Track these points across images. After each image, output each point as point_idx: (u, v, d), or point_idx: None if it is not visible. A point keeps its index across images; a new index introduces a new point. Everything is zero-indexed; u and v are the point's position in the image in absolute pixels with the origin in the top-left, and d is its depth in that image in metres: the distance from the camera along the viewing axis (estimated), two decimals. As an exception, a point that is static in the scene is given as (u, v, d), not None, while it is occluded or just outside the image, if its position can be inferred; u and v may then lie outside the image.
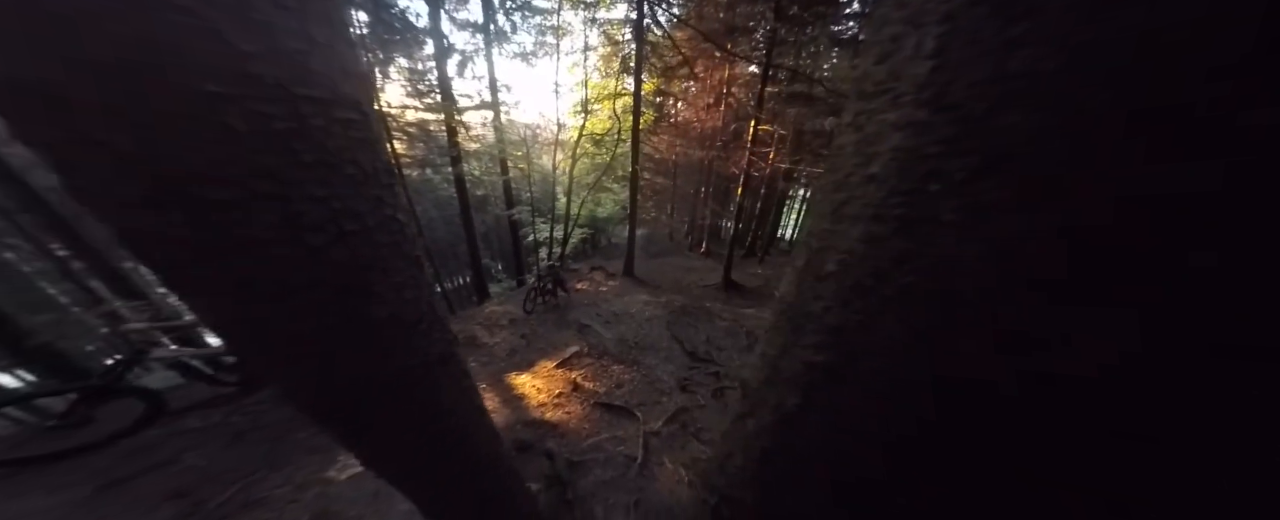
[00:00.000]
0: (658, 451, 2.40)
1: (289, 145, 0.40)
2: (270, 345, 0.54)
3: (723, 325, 5.03)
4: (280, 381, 0.63)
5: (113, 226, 0.40)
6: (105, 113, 0.32)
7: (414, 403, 0.73)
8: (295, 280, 0.47)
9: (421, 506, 1.05)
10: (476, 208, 9.97)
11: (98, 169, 0.35)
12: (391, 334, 0.61)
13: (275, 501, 1.85)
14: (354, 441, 0.76)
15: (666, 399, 3.10)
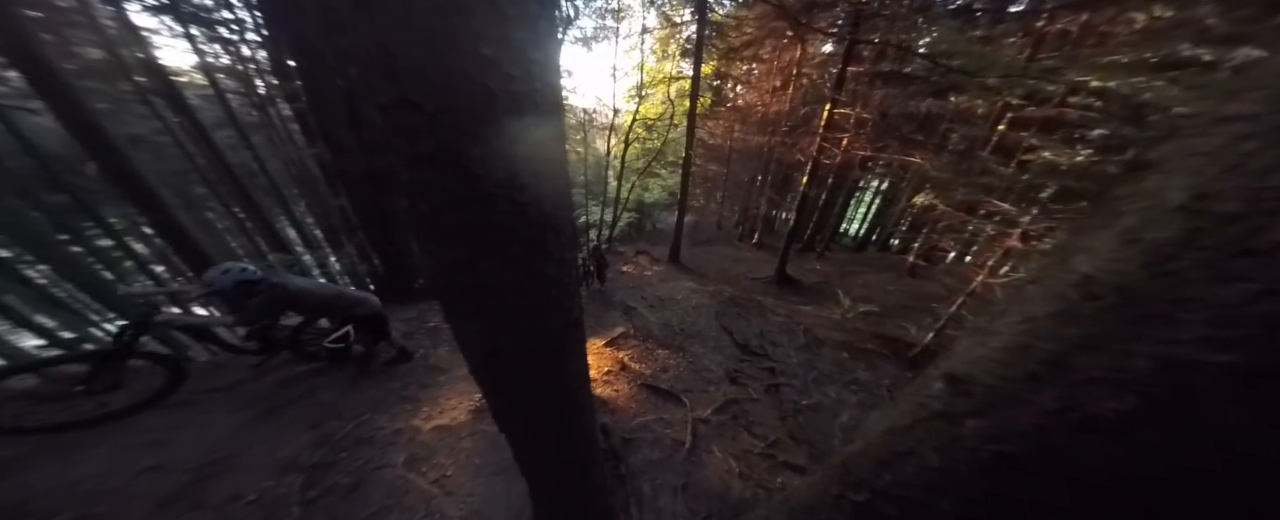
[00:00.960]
0: (706, 439, 2.43)
1: (519, 106, 0.45)
2: (478, 292, 0.59)
3: (777, 321, 4.85)
4: (468, 331, 0.69)
5: (383, 187, 0.51)
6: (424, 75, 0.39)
7: (557, 359, 0.78)
8: (505, 233, 0.53)
9: (531, 464, 1.10)
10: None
11: (404, 130, 0.42)
12: (554, 292, 0.67)
13: (379, 440, 2.15)
14: (503, 389, 0.80)
15: (714, 388, 3.10)
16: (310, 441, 2.05)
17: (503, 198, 0.49)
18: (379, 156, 0.46)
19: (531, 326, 0.69)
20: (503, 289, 0.60)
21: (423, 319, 4.01)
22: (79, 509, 1.49)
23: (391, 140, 0.44)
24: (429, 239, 0.54)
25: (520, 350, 0.73)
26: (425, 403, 2.56)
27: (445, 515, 1.73)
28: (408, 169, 0.46)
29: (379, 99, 0.40)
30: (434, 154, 0.44)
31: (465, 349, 0.74)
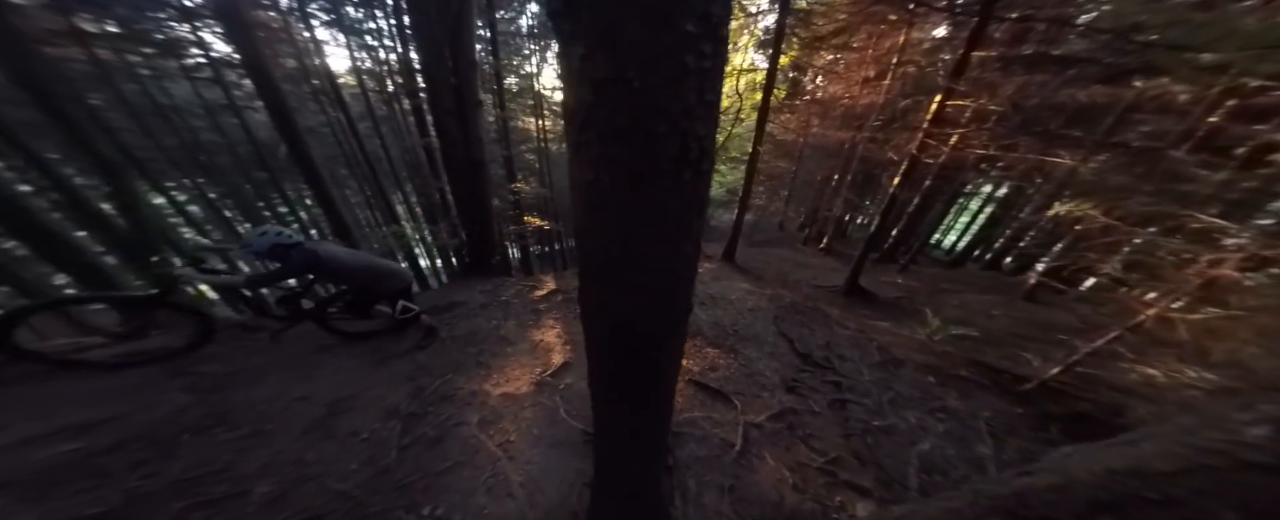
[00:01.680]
0: (758, 444, 2.27)
1: (701, 83, 0.45)
2: (632, 263, 0.59)
3: (846, 334, 4.35)
4: (608, 301, 0.68)
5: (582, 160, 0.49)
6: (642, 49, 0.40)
7: (675, 339, 0.79)
8: (669, 210, 0.52)
9: (612, 442, 1.09)
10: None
11: (612, 104, 0.44)
12: (688, 274, 0.68)
13: (458, 399, 2.39)
14: (619, 363, 0.79)
15: (768, 395, 2.90)
16: (408, 393, 2.35)
17: (677, 176, 0.49)
18: (579, 132, 0.47)
19: (664, 302, 0.69)
20: (653, 263, 0.60)
21: (496, 292, 4.37)
22: (257, 424, 1.91)
23: (594, 115, 0.45)
24: (602, 210, 0.55)
25: (650, 324, 0.72)
26: (495, 370, 2.77)
27: (507, 478, 1.84)
28: (603, 143, 0.47)
29: (598, 74, 0.42)
30: (629, 128, 0.45)
31: (595, 319, 0.75)
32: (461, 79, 4.16)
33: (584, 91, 0.45)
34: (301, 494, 1.54)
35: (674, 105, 0.43)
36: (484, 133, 4.84)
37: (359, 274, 2.38)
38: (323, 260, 2.19)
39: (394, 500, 1.61)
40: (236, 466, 1.60)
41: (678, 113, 0.44)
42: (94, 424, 1.71)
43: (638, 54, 0.40)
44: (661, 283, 0.64)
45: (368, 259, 2.49)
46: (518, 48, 10.16)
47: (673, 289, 0.67)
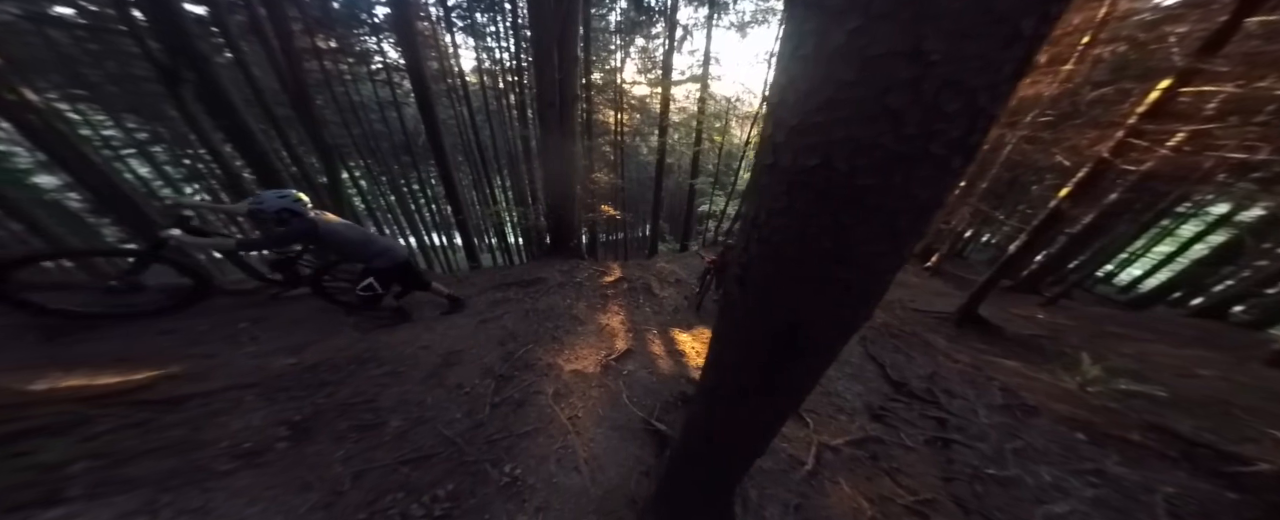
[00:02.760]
0: (832, 468, 2.01)
1: (1028, 52, 0.38)
2: (836, 260, 0.53)
3: (957, 367, 3.62)
4: (781, 297, 0.61)
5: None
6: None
7: (834, 351, 0.70)
8: (909, 202, 0.46)
9: (705, 446, 1.03)
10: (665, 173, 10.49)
11: (882, 81, 0.38)
12: (888, 278, 0.59)
13: (537, 368, 2.55)
14: (758, 367, 0.72)
15: (847, 419, 2.56)
16: (500, 356, 2.61)
17: (945, 164, 0.42)
18: (817, 112, 0.42)
19: (862, 305, 0.61)
20: (869, 261, 0.52)
21: (572, 274, 4.60)
22: (394, 365, 2.30)
23: (849, 94, 0.39)
24: (825, 197, 0.47)
25: (836, 327, 0.64)
26: (567, 347, 2.90)
27: (575, 452, 1.90)
28: (849, 125, 0.41)
29: (875, 49, 0.36)
30: (902, 109, 0.38)
31: (766, 316, 0.64)
32: (564, 74, 4.32)
33: (838, 69, 0.39)
34: (419, 433, 1.81)
35: (980, 80, 0.36)
36: (576, 125, 5.03)
37: (355, 247, 2.31)
38: (320, 232, 2.13)
39: (484, 453, 1.77)
40: (379, 399, 1.95)
41: (980, 88, 0.36)
42: (301, 346, 2.24)
43: (953, 23, 0.33)
44: (871, 283, 0.57)
45: (365, 235, 2.41)
46: (605, 43, 10.27)
47: (879, 291, 0.60)
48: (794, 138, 0.46)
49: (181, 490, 1.27)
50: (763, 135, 0.54)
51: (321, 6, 8.06)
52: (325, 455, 1.56)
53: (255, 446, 1.50)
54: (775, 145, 0.50)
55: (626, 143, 11.41)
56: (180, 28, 3.52)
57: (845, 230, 0.48)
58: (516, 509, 1.56)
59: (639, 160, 15.71)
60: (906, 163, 0.41)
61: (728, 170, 9.54)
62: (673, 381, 2.68)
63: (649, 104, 9.36)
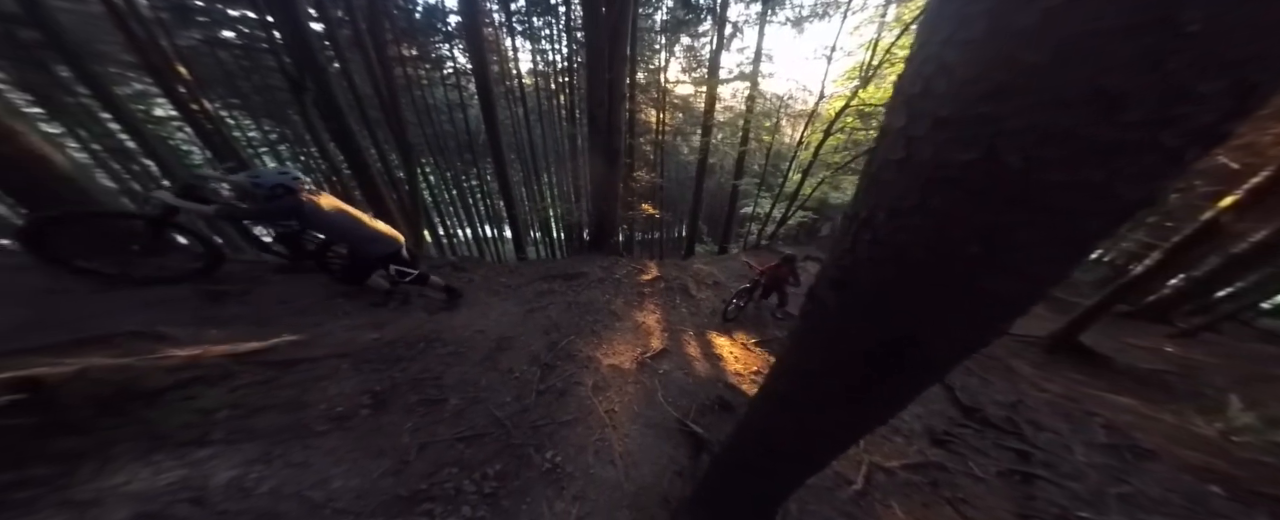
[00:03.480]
0: (884, 491, 1.82)
1: None
2: (988, 267, 0.44)
3: (1045, 398, 3.11)
4: (897, 301, 0.53)
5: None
6: None
7: (943, 371, 0.62)
8: (1106, 204, 0.39)
9: (766, 455, 0.96)
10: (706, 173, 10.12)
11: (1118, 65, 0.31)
12: (1040, 294, 0.49)
13: (578, 360, 2.58)
14: (874, 384, 0.64)
15: (904, 441, 2.30)
16: (545, 345, 2.68)
17: (1177, 156, 0.35)
18: (978, 101, 0.37)
19: (979, 323, 0.51)
20: (1021, 271, 0.44)
21: (611, 270, 4.63)
22: (456, 346, 2.46)
23: (1048, 80, 0.34)
24: (966, 197, 0.41)
25: (965, 342, 0.55)
26: (604, 341, 2.91)
27: (610, 445, 1.90)
28: (1031, 113, 0.35)
29: (1099, 23, 0.30)
30: (1125, 91, 0.31)
31: (878, 325, 0.55)
32: (615, 73, 4.31)
33: (1023, 51, 0.33)
34: (474, 412, 1.92)
35: (1244, 52, 0.29)
36: (623, 124, 5.01)
37: (341, 231, 2.24)
38: (305, 211, 2.07)
39: (529, 437, 1.83)
40: (443, 377, 2.10)
41: (1244, 62, 0.29)
42: (383, 324, 2.49)
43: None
44: (1024, 296, 0.48)
45: (355, 220, 2.31)
46: (649, 43, 10.10)
47: (1029, 306, 0.49)
48: (941, 130, 0.40)
49: (289, 444, 1.46)
50: (885, 129, 0.47)
51: (406, 18, 8.84)
52: (397, 426, 1.71)
53: (345, 411, 1.69)
54: (910, 139, 0.44)
55: (667, 142, 11.22)
56: (306, 43, 4.06)
57: (1006, 234, 0.41)
58: (555, 495, 1.59)
59: (679, 160, 15.39)
60: (1117, 155, 0.34)
61: (775, 171, 8.91)
62: (709, 385, 2.59)
63: (692, 103, 9.08)
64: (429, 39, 9.96)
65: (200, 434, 1.39)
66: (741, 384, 2.68)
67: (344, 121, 4.76)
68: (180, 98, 5.50)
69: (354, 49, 5.93)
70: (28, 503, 1.05)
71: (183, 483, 1.22)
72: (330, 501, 1.32)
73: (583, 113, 8.29)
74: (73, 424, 1.25)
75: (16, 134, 1.95)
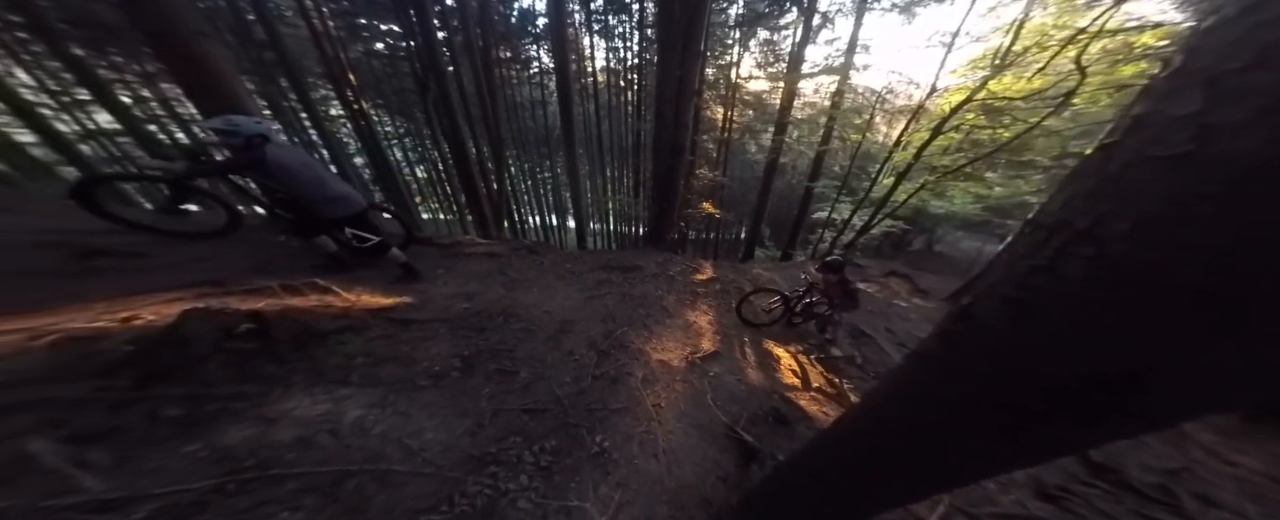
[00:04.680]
0: None
1: None
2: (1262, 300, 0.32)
3: (1232, 473, 2.24)
4: (1121, 347, 0.40)
5: None
6: None
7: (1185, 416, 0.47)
8: None
9: (873, 480, 0.81)
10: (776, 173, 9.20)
11: None
12: None
13: (629, 351, 2.54)
14: (1065, 417, 0.48)
15: (997, 488, 1.86)
16: (602, 332, 2.71)
17: None
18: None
19: (1249, 377, 0.38)
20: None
21: (666, 266, 4.51)
22: (527, 323, 2.59)
23: None
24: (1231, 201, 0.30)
25: (1170, 393, 0.41)
26: (655, 336, 2.85)
27: (655, 439, 1.86)
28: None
29: None
30: None
31: (1024, 352, 0.46)
32: (686, 69, 4.10)
33: None
34: (539, 387, 2.00)
35: None
36: (690, 120, 4.77)
37: (302, 186, 2.06)
38: (268, 162, 1.92)
39: (582, 419, 1.85)
40: (515, 351, 2.24)
41: None
42: (473, 295, 2.76)
43: None
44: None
45: (321, 176, 2.15)
46: (722, 37, 9.36)
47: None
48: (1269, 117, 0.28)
49: (399, 394, 1.69)
50: (1144, 117, 0.36)
51: (504, 23, 9.56)
52: (477, 390, 1.87)
53: (440, 370, 1.90)
54: (1206, 128, 0.32)
55: (734, 139, 10.49)
56: (433, 50, 4.65)
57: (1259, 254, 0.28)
58: (600, 479, 1.59)
59: (744, 158, 14.37)
60: None
61: (860, 174, 7.58)
62: (763, 395, 2.39)
63: (766, 99, 8.24)
64: (520, 41, 10.65)
65: (343, 375, 1.68)
66: (798, 398, 2.45)
67: (454, 118, 5.36)
68: (347, 100, 6.79)
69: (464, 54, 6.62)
70: (238, 413, 1.36)
71: (326, 416, 1.46)
72: (422, 451, 1.47)
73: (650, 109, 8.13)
74: (276, 353, 1.58)
75: (204, 50, 2.35)
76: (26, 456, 1.03)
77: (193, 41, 2.29)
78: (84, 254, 2.00)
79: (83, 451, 1.09)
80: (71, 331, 1.44)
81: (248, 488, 1.15)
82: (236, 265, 2.32)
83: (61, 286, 1.79)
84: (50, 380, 1.26)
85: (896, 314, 4.37)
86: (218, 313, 1.52)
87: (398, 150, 12.69)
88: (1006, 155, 5.78)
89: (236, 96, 2.52)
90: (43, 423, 1.13)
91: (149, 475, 1.11)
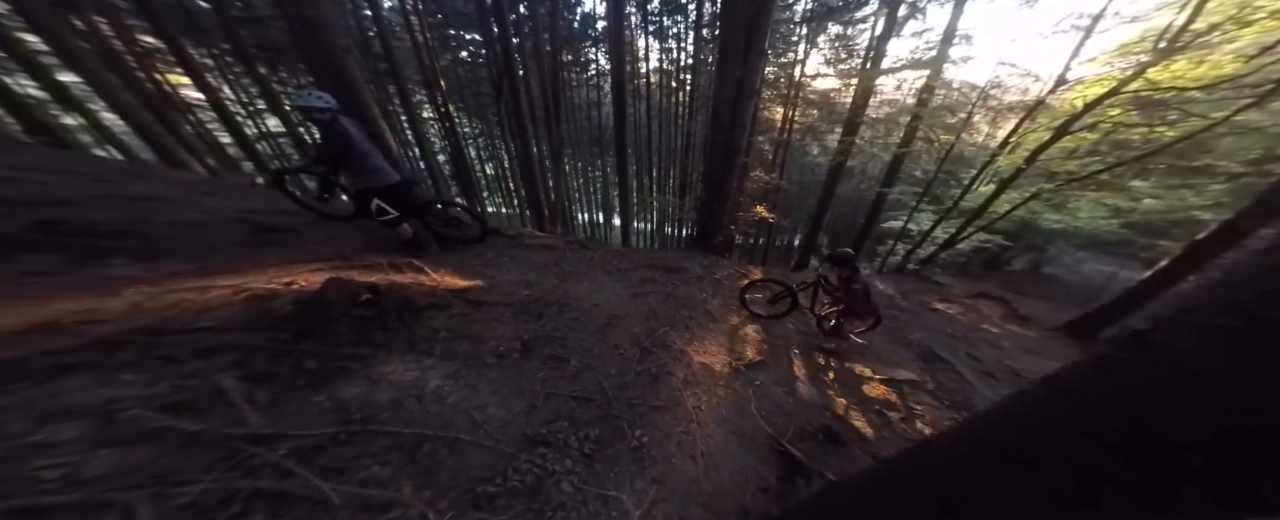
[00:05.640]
0: None
1: None
2: None
3: None
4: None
5: None
6: None
7: None
8: None
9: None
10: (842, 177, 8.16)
11: None
12: None
13: (671, 350, 2.46)
14: None
15: None
16: (645, 330, 2.66)
17: None
18: None
19: None
20: None
21: (712, 269, 4.29)
22: (578, 313, 2.61)
23: None
24: None
25: None
26: (697, 339, 2.72)
27: (694, 441, 1.79)
28: None
29: None
30: None
31: (1232, 389, 0.40)
32: (747, 69, 3.79)
33: None
34: (587, 377, 2.02)
35: None
36: (747, 121, 4.44)
37: (353, 155, 2.21)
38: (343, 131, 2.11)
39: (624, 412, 1.83)
40: (567, 339, 2.29)
41: None
42: (532, 283, 2.90)
43: None
44: None
45: (370, 149, 2.31)
46: (786, 34, 8.49)
47: None
48: None
49: (470, 369, 1.81)
50: None
51: (567, 27, 9.86)
52: (533, 373, 1.93)
53: (504, 351, 2.01)
54: None
55: (794, 140, 9.61)
56: (510, 55, 4.97)
57: None
58: (637, 472, 1.55)
59: (805, 160, 13.15)
60: None
61: (948, 180, 6.21)
62: (813, 411, 2.18)
63: (834, 97, 7.33)
64: (580, 44, 10.91)
65: (429, 346, 1.85)
66: (854, 418, 2.20)
67: (521, 119, 5.69)
68: (436, 103, 7.63)
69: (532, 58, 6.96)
70: (353, 371, 1.56)
71: (414, 382, 1.62)
72: (484, 424, 1.56)
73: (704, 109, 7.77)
74: (384, 322, 1.79)
75: (347, 65, 2.82)
76: (220, 390, 1.29)
77: (339, 57, 2.75)
78: (262, 229, 2.49)
79: (253, 390, 1.34)
80: (256, 290, 1.78)
81: (353, 439, 1.31)
82: (355, 244, 2.74)
83: (249, 253, 2.23)
84: (241, 329, 1.56)
85: (984, 339, 3.64)
86: (348, 283, 1.75)
87: (472, 149, 13.98)
88: (1167, 159, 4.28)
89: (365, 103, 2.98)
90: (232, 363, 1.41)
91: (289, 417, 1.31)
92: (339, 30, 2.89)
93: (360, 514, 1.11)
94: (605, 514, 1.36)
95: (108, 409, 1.15)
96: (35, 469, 0.96)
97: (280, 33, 5.55)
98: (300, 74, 7.39)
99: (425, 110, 10.83)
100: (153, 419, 1.14)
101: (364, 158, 2.31)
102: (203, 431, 1.15)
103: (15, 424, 1.05)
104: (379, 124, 3.06)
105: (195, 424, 1.17)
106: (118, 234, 2.02)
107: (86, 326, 1.40)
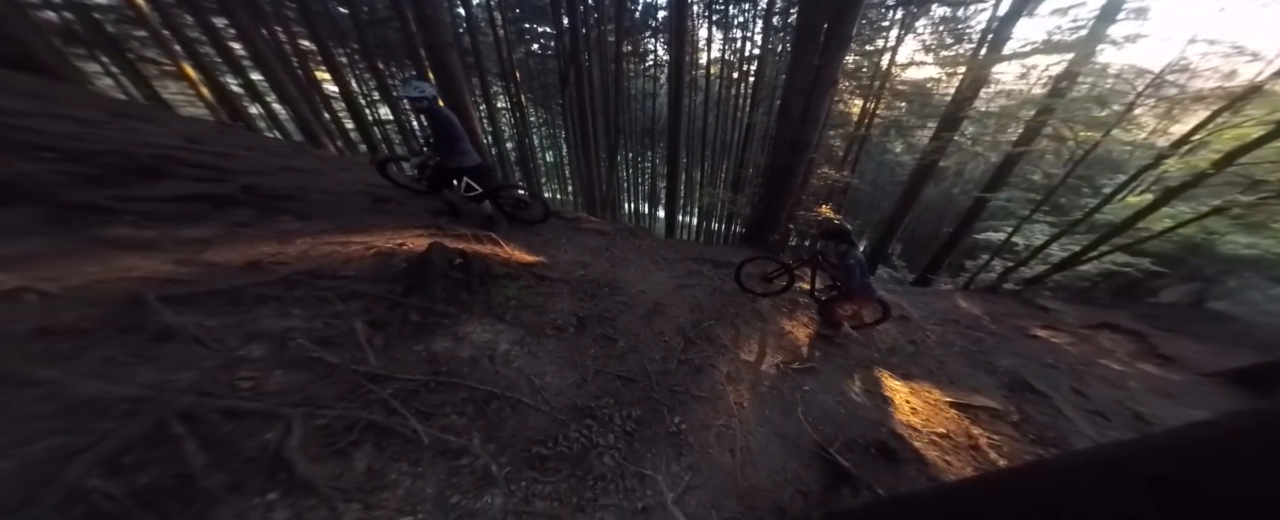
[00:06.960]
0: None
1: None
2: None
3: None
4: None
5: None
6: None
7: None
8: None
9: None
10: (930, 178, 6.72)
11: None
12: None
13: (716, 343, 2.32)
14: None
15: None
16: (690, 321, 2.54)
17: None
18: None
19: None
20: None
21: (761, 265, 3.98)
22: (628, 298, 2.59)
23: None
24: None
25: None
26: (744, 337, 2.54)
27: (733, 435, 1.69)
28: None
29: None
30: None
31: None
32: (827, 58, 3.21)
33: None
34: (632, 359, 1.99)
35: None
36: (821, 114, 3.83)
37: (445, 139, 2.33)
38: (442, 116, 2.27)
39: (665, 398, 1.79)
40: (616, 321, 2.28)
41: None
42: (587, 264, 2.96)
43: None
44: None
45: (461, 133, 2.41)
46: (875, 19, 6.97)
47: None
48: None
49: (532, 340, 1.90)
50: None
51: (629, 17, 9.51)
52: (585, 349, 1.96)
53: (562, 325, 2.07)
54: None
55: (873, 136, 8.18)
56: (577, 45, 4.97)
57: None
58: (673, 458, 1.51)
59: (883, 158, 11.28)
60: None
61: (1080, 186, 4.42)
62: (868, 424, 1.95)
63: (932, 89, 5.95)
64: (641, 35, 10.47)
65: (502, 313, 1.97)
66: (915, 440, 1.93)
67: (583, 109, 5.72)
68: (510, 94, 8.05)
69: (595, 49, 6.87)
70: (444, 328, 1.72)
71: (488, 344, 1.74)
72: (542, 390, 1.61)
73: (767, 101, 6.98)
74: (470, 285, 1.95)
75: (451, 58, 3.08)
76: (352, 330, 1.53)
77: (445, 52, 3.01)
78: (378, 200, 2.92)
79: (373, 334, 1.56)
80: (381, 248, 2.06)
81: (440, 388, 1.43)
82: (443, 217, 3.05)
83: (371, 219, 2.59)
84: (369, 279, 1.81)
85: (1100, 376, 2.82)
86: (446, 248, 1.93)
87: (535, 137, 14.65)
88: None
89: (461, 93, 3.25)
90: (362, 309, 1.66)
91: (396, 362, 1.48)
92: (447, 27, 3.13)
93: (439, 457, 1.20)
94: (641, 491, 1.35)
95: (283, 336, 1.41)
96: (237, 378, 1.20)
97: (395, 32, 6.28)
98: (405, 68, 8.35)
99: (499, 100, 11.55)
100: (309, 349, 1.38)
101: (458, 140, 2.47)
102: (339, 365, 1.37)
103: (231, 339, 1.34)
104: (469, 111, 3.31)
105: (334, 357, 1.39)
106: (287, 197, 2.48)
107: (276, 266, 1.73)
